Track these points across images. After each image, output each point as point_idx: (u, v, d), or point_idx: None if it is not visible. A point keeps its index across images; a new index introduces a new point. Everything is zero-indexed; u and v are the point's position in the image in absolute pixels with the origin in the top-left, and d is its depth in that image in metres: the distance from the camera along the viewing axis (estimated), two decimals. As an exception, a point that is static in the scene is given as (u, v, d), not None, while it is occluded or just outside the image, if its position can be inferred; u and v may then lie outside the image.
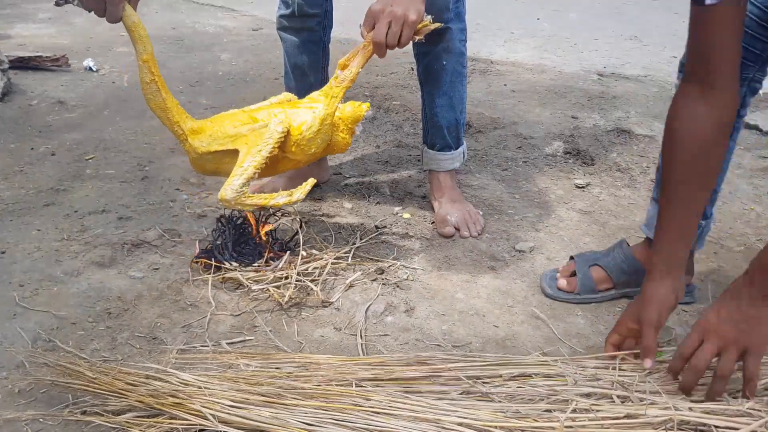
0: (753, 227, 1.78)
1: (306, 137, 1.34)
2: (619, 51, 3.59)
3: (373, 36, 1.27)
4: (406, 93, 2.68)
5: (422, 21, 1.29)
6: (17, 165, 1.96)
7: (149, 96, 1.31)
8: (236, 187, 1.28)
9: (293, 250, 1.49)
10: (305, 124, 1.34)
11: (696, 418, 0.95)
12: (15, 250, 1.54)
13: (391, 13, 1.24)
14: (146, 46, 1.27)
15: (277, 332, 1.30)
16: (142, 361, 1.20)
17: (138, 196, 1.81)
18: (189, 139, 1.36)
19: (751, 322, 0.96)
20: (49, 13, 3.81)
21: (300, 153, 1.37)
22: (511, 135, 2.32)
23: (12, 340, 1.25)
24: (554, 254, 1.61)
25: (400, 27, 1.25)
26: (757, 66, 1.20)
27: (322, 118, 1.35)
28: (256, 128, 1.34)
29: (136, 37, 1.26)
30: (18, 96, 2.50)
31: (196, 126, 1.36)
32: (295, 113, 1.36)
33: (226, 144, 1.35)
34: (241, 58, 3.16)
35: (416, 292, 1.45)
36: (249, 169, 1.29)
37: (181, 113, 1.35)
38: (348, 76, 1.37)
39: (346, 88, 1.38)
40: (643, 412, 0.94)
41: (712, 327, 0.97)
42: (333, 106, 1.37)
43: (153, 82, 1.30)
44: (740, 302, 0.97)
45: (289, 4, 1.68)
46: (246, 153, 1.31)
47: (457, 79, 1.67)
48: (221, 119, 1.39)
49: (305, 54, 1.73)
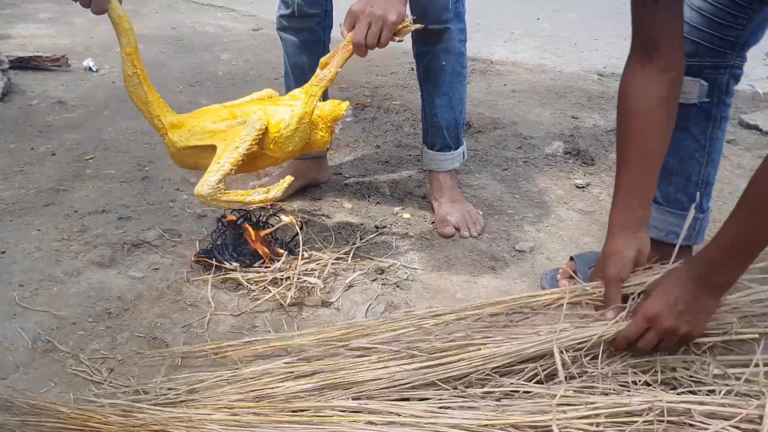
0: (753, 227, 1.78)
1: (284, 135, 1.34)
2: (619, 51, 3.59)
3: (352, 36, 1.27)
4: (406, 93, 2.68)
5: (402, 22, 1.28)
6: (17, 165, 1.96)
7: (131, 89, 1.32)
8: (212, 183, 1.28)
9: (293, 250, 1.49)
10: (283, 122, 1.34)
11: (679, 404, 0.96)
12: (15, 250, 1.54)
13: (370, 13, 1.24)
14: (130, 39, 1.28)
15: (278, 332, 1.30)
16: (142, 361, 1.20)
17: (138, 196, 1.81)
18: (168, 134, 1.35)
19: (696, 314, 1.02)
20: (49, 13, 3.81)
21: (278, 150, 1.37)
22: (511, 135, 2.32)
23: (12, 340, 1.25)
24: (554, 254, 1.61)
25: (380, 28, 1.24)
26: (734, 53, 1.23)
27: (300, 116, 1.35)
28: (234, 124, 1.34)
29: (120, 30, 1.27)
30: (18, 96, 2.50)
31: (176, 120, 1.36)
32: (275, 110, 1.36)
33: (205, 139, 1.34)
34: (241, 58, 3.16)
35: (416, 292, 1.45)
36: (226, 165, 1.29)
37: (162, 107, 1.35)
38: (327, 75, 1.36)
39: (324, 87, 1.37)
40: (627, 401, 0.95)
41: (658, 317, 1.02)
42: (311, 105, 1.37)
43: (135, 75, 1.30)
44: (685, 293, 1.01)
45: (289, 4, 1.68)
46: (223, 149, 1.31)
47: (456, 80, 1.67)
48: (202, 114, 1.39)
49: (305, 54, 1.73)
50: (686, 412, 0.94)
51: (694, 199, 1.36)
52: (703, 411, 0.94)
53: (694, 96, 1.27)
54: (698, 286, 1.01)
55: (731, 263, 0.99)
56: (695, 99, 1.27)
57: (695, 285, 1.01)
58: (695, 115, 1.29)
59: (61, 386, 1.14)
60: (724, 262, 0.99)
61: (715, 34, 1.21)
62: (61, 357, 1.21)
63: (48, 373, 1.17)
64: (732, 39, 1.21)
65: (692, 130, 1.31)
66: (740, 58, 1.25)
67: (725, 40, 1.21)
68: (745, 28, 1.21)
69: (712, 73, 1.25)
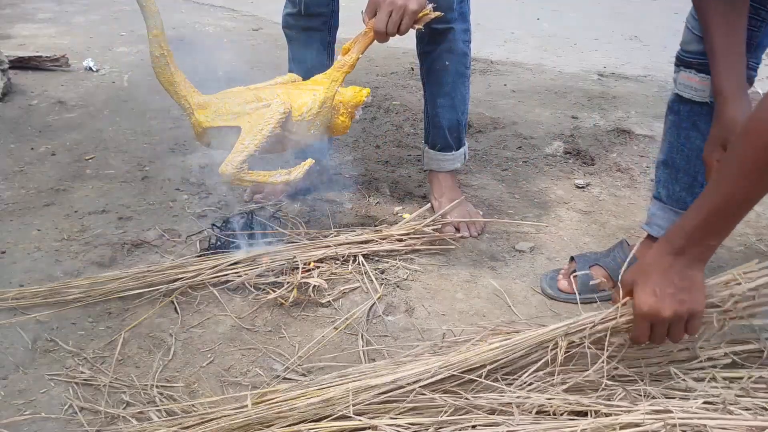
0: (753, 227, 1.78)
1: (306, 118, 1.38)
2: (619, 51, 3.59)
3: (374, 24, 1.31)
4: (406, 93, 2.68)
5: (423, 10, 1.33)
6: (17, 165, 1.96)
7: (158, 69, 1.35)
8: (236, 163, 1.31)
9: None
10: (306, 106, 1.38)
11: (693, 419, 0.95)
12: (15, 250, 1.54)
13: (392, 2, 1.29)
14: (156, 21, 1.31)
15: (277, 332, 1.30)
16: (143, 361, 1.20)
17: (138, 196, 1.81)
18: (195, 113, 1.39)
19: (688, 290, 0.98)
20: (49, 13, 3.81)
21: (300, 133, 1.40)
22: (511, 135, 2.32)
23: (12, 340, 1.25)
24: (554, 254, 1.61)
25: (401, 16, 1.30)
26: (748, 53, 1.22)
27: (322, 100, 1.39)
28: (259, 107, 1.37)
29: (148, 12, 1.30)
30: (18, 96, 2.50)
31: (202, 101, 1.40)
32: (298, 95, 1.40)
33: (230, 120, 1.38)
34: (241, 58, 3.15)
35: (416, 292, 1.45)
36: (250, 146, 1.33)
37: (188, 87, 1.39)
38: (348, 61, 1.41)
39: (346, 73, 1.42)
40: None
41: (654, 311, 0.99)
42: (333, 90, 1.41)
43: (162, 56, 1.34)
44: (671, 275, 0.98)
45: (295, 3, 1.68)
46: (248, 131, 1.34)
47: (459, 80, 1.67)
48: (227, 95, 1.43)
49: (310, 53, 1.73)
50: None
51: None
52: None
53: (706, 94, 1.26)
54: (680, 262, 0.98)
55: (710, 231, 0.96)
56: (707, 98, 1.27)
57: (676, 261, 0.98)
58: (706, 114, 1.28)
59: (61, 386, 1.14)
60: (703, 232, 0.96)
61: None
62: (61, 357, 1.21)
63: (48, 373, 1.17)
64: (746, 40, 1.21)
65: (702, 128, 1.30)
66: (754, 59, 1.24)
67: None
68: (759, 30, 1.21)
69: None
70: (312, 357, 1.23)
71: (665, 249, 1.00)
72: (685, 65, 1.29)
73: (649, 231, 1.43)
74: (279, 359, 1.23)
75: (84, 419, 1.06)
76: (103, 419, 1.07)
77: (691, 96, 1.29)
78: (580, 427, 0.94)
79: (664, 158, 1.39)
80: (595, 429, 0.94)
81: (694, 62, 1.27)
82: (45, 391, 1.13)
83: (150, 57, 1.34)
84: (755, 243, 1.70)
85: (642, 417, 0.94)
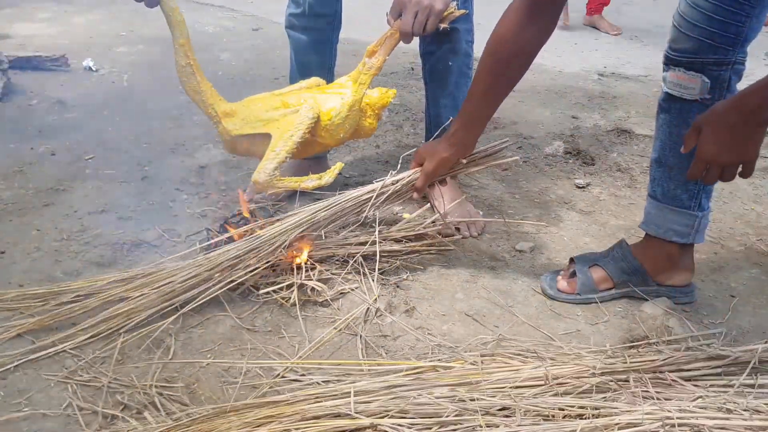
0: (753, 227, 1.78)
1: (335, 123, 1.39)
2: (619, 51, 3.59)
3: (400, 25, 1.32)
4: (406, 93, 2.68)
5: (447, 9, 1.34)
6: (17, 165, 1.96)
7: (184, 79, 1.36)
8: (269, 170, 1.34)
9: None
10: (334, 110, 1.39)
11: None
12: (15, 250, 1.54)
13: (417, 2, 1.30)
14: (182, 31, 1.32)
15: (277, 332, 1.30)
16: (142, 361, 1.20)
17: (138, 196, 1.81)
18: (222, 122, 1.39)
19: (745, 143, 1.10)
20: (49, 13, 3.80)
21: (329, 137, 1.42)
22: (511, 135, 2.32)
23: (12, 339, 1.24)
24: (554, 254, 1.61)
25: (426, 16, 1.31)
26: (735, 49, 1.24)
27: (350, 104, 1.40)
28: (287, 113, 1.38)
29: (173, 22, 1.31)
30: (18, 96, 2.50)
31: (229, 109, 1.41)
32: (325, 99, 1.41)
33: (258, 128, 1.39)
34: (241, 58, 3.16)
35: (416, 292, 1.45)
36: (281, 153, 1.35)
37: (214, 96, 1.39)
38: (375, 63, 1.42)
39: (373, 75, 1.43)
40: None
41: (713, 156, 1.11)
42: (361, 93, 1.42)
43: (188, 66, 1.35)
44: (733, 130, 1.09)
45: (299, 3, 1.68)
46: (278, 138, 1.36)
47: (462, 81, 1.67)
48: (254, 102, 1.43)
49: (313, 53, 1.73)
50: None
51: (695, 197, 1.36)
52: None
53: (696, 92, 1.27)
54: (745, 121, 1.07)
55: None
56: (697, 95, 1.27)
57: (741, 119, 1.07)
58: (696, 111, 1.29)
59: (60, 386, 1.14)
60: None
61: (716, 31, 1.22)
62: (60, 357, 1.21)
63: (48, 373, 1.17)
64: (733, 36, 1.22)
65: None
66: (742, 53, 1.26)
67: (726, 37, 1.22)
68: (744, 25, 1.22)
69: (715, 69, 1.25)
70: (312, 357, 1.23)
71: (737, 103, 1.08)
72: (673, 64, 1.30)
73: (646, 230, 1.43)
74: (279, 359, 1.23)
75: (83, 419, 1.06)
76: (103, 419, 1.07)
77: (681, 94, 1.30)
78: (579, 427, 0.94)
79: (657, 156, 1.39)
80: (594, 429, 0.94)
81: (683, 60, 1.28)
82: (45, 391, 1.12)
83: (176, 66, 1.34)
84: (756, 243, 1.70)
85: (641, 417, 0.94)
